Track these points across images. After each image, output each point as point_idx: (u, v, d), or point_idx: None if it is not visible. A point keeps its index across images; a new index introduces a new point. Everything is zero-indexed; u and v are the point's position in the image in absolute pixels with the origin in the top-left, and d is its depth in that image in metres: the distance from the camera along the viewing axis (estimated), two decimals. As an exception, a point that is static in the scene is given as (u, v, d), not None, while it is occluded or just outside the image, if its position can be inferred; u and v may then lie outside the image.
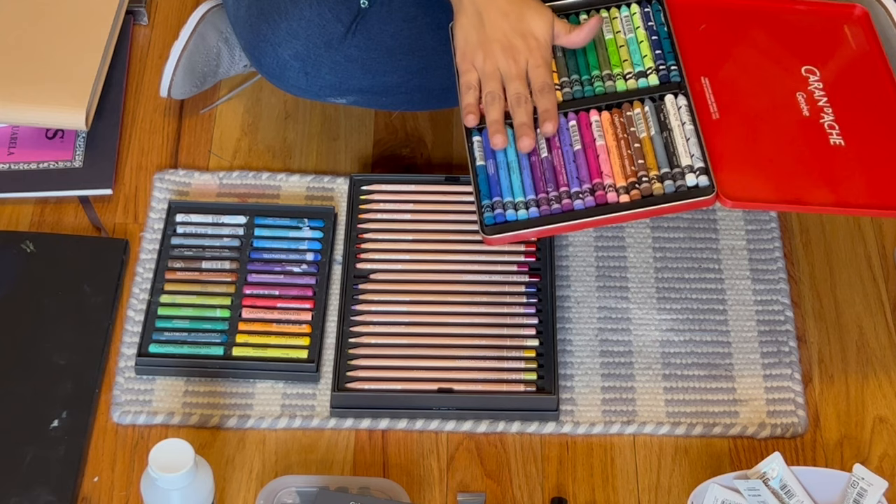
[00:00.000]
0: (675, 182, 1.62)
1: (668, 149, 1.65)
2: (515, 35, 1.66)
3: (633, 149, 1.65)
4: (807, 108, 1.68)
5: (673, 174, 1.63)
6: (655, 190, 1.62)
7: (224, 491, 1.65)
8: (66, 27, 1.97)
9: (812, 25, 1.78)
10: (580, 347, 1.76)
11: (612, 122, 1.68)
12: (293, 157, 1.95)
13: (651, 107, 1.68)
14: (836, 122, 1.66)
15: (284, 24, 1.77)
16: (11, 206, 1.89)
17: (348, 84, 1.80)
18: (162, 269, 1.80)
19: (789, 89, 1.70)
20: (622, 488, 1.66)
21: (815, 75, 1.71)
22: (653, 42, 1.72)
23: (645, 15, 1.74)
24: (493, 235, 1.61)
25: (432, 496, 1.65)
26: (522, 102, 1.65)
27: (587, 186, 1.63)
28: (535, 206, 1.63)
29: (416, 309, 1.77)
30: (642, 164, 1.64)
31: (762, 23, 1.77)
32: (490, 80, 1.66)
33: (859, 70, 1.74)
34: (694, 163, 1.62)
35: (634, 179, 1.63)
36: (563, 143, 1.67)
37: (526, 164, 1.66)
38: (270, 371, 1.73)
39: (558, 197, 1.63)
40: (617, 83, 1.70)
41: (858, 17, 1.78)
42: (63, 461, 1.65)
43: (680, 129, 1.65)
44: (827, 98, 1.69)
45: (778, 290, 1.81)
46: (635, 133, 1.66)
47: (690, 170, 1.62)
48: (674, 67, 1.70)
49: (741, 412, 1.72)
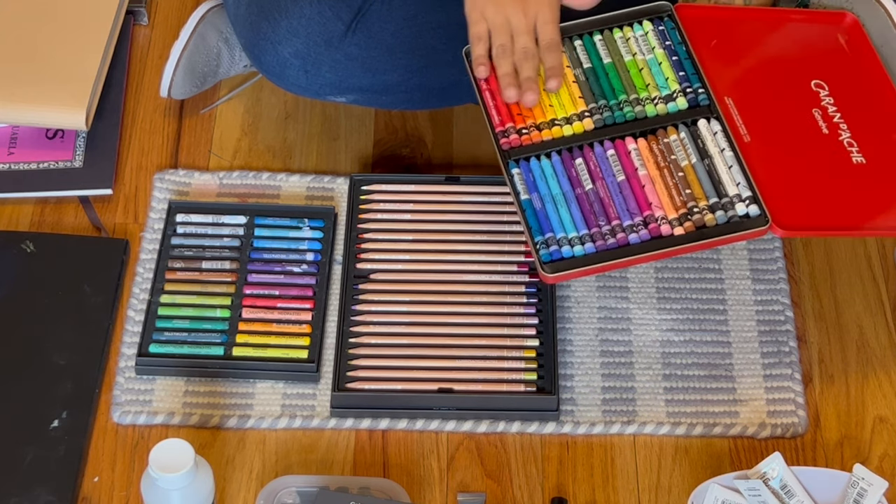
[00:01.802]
0: (726, 212, 1.62)
1: (712, 177, 1.65)
2: None
3: (678, 178, 1.65)
4: (825, 126, 1.68)
5: (722, 204, 1.62)
6: (708, 221, 1.62)
7: (224, 491, 1.65)
8: (66, 27, 1.97)
9: (808, 35, 1.78)
10: (580, 347, 1.76)
11: (650, 150, 1.67)
12: (293, 157, 1.95)
13: (687, 133, 1.68)
14: (854, 139, 1.67)
15: (285, 22, 1.77)
16: (11, 206, 1.89)
17: (348, 82, 1.80)
18: (162, 269, 1.80)
19: (805, 106, 1.70)
20: (622, 488, 1.66)
21: (825, 90, 1.71)
22: (673, 62, 1.72)
23: (660, 33, 1.74)
24: (553, 273, 1.60)
25: (432, 496, 1.65)
26: (530, 57, 1.65)
27: (639, 219, 1.63)
28: (589, 240, 1.62)
29: (416, 309, 1.77)
30: (690, 193, 1.63)
31: (765, 34, 1.77)
32: (500, 32, 1.66)
33: (861, 81, 1.75)
34: (741, 191, 1.62)
35: (685, 210, 1.63)
36: (605, 174, 1.66)
37: (572, 196, 1.65)
38: (270, 371, 1.73)
39: (612, 231, 1.62)
40: (646, 107, 1.70)
41: (850, 25, 1.78)
42: (63, 461, 1.65)
43: (720, 156, 1.65)
44: (840, 114, 1.69)
45: (778, 290, 1.81)
46: (676, 161, 1.66)
47: (739, 199, 1.62)
48: (701, 90, 1.70)
49: (741, 412, 1.72)
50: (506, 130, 1.68)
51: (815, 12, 1.83)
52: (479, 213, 1.85)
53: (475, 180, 1.87)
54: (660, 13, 1.76)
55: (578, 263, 1.61)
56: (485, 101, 1.70)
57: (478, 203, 1.85)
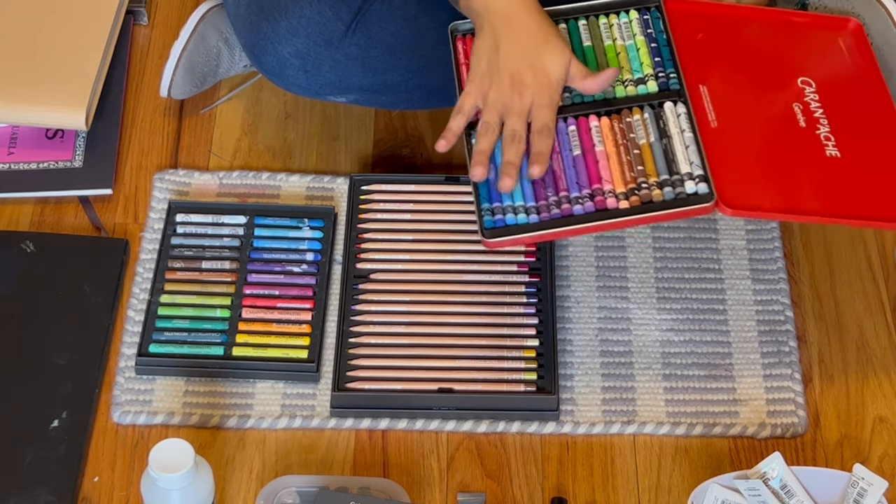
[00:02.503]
0: (674, 189, 1.62)
1: (667, 156, 1.65)
2: (527, 69, 1.63)
3: (633, 155, 1.65)
4: (803, 120, 1.68)
5: (672, 181, 1.63)
6: (655, 196, 1.62)
7: (224, 491, 1.65)
8: (66, 27, 1.97)
9: (807, 37, 1.78)
10: (580, 347, 1.76)
11: (611, 128, 1.68)
12: (293, 157, 1.95)
13: (650, 113, 1.68)
14: (832, 134, 1.67)
15: (285, 21, 1.77)
16: (11, 206, 1.89)
17: (348, 82, 1.80)
18: (162, 269, 1.80)
19: (786, 100, 1.70)
20: (622, 488, 1.66)
21: (811, 87, 1.71)
22: (652, 49, 1.72)
23: (644, 22, 1.74)
24: (493, 239, 1.61)
25: (432, 496, 1.65)
26: (516, 141, 1.62)
27: (587, 192, 1.63)
28: (535, 211, 1.63)
29: (416, 309, 1.77)
30: (642, 170, 1.64)
31: (759, 33, 1.77)
32: (490, 109, 1.64)
33: (854, 83, 1.74)
34: (693, 170, 1.62)
35: (634, 185, 1.63)
36: (562, 148, 1.67)
37: (526, 169, 1.66)
38: (270, 371, 1.73)
39: (558, 202, 1.63)
40: (616, 89, 1.70)
41: (852, 30, 1.79)
42: (63, 461, 1.65)
43: (679, 137, 1.66)
44: (823, 110, 1.69)
45: (778, 290, 1.81)
46: (635, 139, 1.66)
47: (690, 177, 1.62)
48: (673, 75, 1.70)
49: (741, 412, 1.72)
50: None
51: (818, 16, 1.83)
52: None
53: (475, 180, 1.87)
54: (647, 4, 1.76)
55: (519, 231, 1.61)
56: (459, 74, 1.72)
57: (478, 203, 1.85)
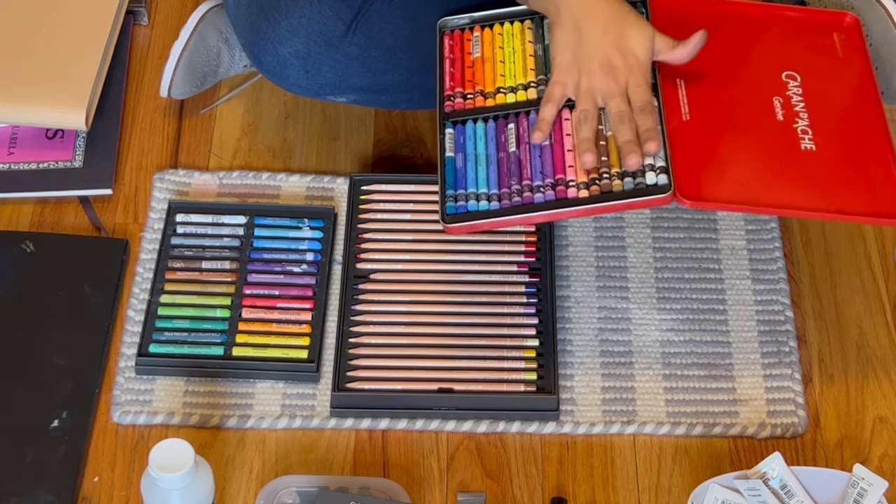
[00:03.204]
0: (634, 180, 1.62)
1: None
2: (615, 53, 1.63)
3: (599, 146, 1.65)
4: (781, 113, 1.68)
5: (633, 172, 1.63)
6: (615, 186, 1.63)
7: (224, 491, 1.65)
8: (66, 27, 1.97)
9: (801, 32, 1.78)
10: (580, 347, 1.76)
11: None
12: (293, 157, 1.95)
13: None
14: (810, 128, 1.67)
15: (285, 21, 1.77)
16: (11, 206, 1.89)
17: (349, 82, 1.80)
18: (162, 269, 1.80)
19: (766, 94, 1.70)
20: (622, 488, 1.66)
21: (796, 81, 1.71)
22: None
23: None
24: (453, 224, 1.63)
25: (432, 496, 1.65)
26: (626, 120, 1.62)
27: (549, 181, 1.64)
28: (496, 199, 1.65)
29: (416, 309, 1.77)
30: (605, 161, 1.64)
31: (749, 28, 1.77)
32: (586, 97, 1.64)
33: (842, 78, 1.74)
34: (655, 161, 1.63)
35: (595, 175, 1.64)
36: (531, 138, 1.68)
37: (494, 158, 1.67)
38: (270, 371, 1.73)
39: (520, 190, 1.65)
40: None
41: (849, 25, 1.78)
42: (63, 461, 1.65)
43: None
44: (804, 103, 1.69)
45: (778, 290, 1.81)
46: (602, 131, 1.66)
47: (651, 168, 1.62)
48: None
49: (741, 412, 1.72)
50: (453, 94, 1.72)
51: (814, 10, 1.83)
52: (479, 213, 1.85)
53: (475, 180, 1.87)
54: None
55: (479, 216, 1.63)
56: (442, 68, 1.73)
57: (478, 203, 1.85)
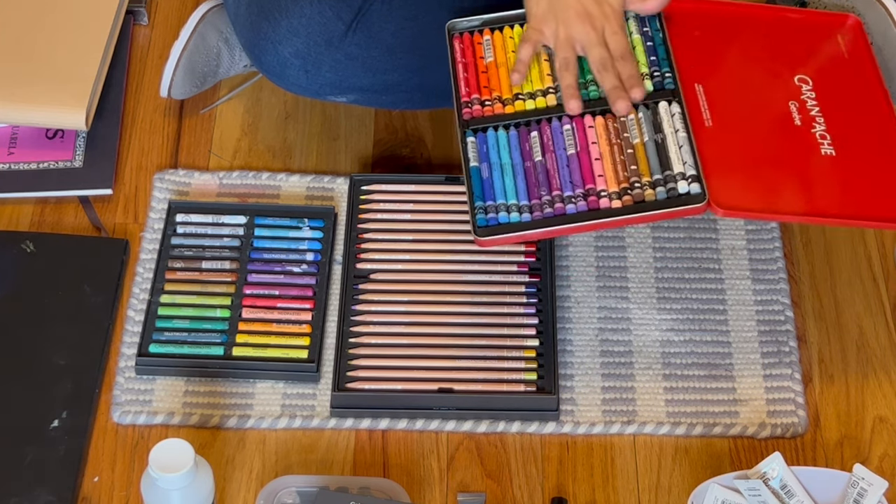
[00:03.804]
0: (666, 189, 1.62)
1: (660, 155, 1.65)
2: (590, 1, 1.66)
3: (626, 154, 1.65)
4: (799, 118, 1.68)
5: (665, 181, 1.63)
6: (647, 196, 1.62)
7: (224, 491, 1.65)
8: (66, 27, 1.97)
9: (805, 34, 1.78)
10: (580, 347, 1.76)
11: (605, 127, 1.68)
12: (293, 157, 1.95)
13: (645, 113, 1.68)
14: (828, 133, 1.67)
15: (285, 21, 1.77)
16: (11, 206, 1.89)
17: (349, 82, 1.80)
18: (162, 269, 1.80)
19: (782, 98, 1.70)
20: (622, 488, 1.66)
21: (808, 85, 1.71)
22: (647, 48, 1.72)
23: (640, 20, 1.74)
24: (485, 237, 1.62)
25: (432, 496, 1.65)
26: (609, 66, 1.65)
27: (580, 191, 1.64)
28: (528, 210, 1.63)
29: (416, 309, 1.77)
30: (635, 169, 1.64)
31: (756, 31, 1.77)
32: (565, 45, 1.66)
33: (851, 80, 1.74)
34: (686, 170, 1.62)
35: (627, 185, 1.63)
36: (556, 147, 1.67)
37: (520, 167, 1.66)
38: (270, 371, 1.73)
39: (551, 201, 1.63)
40: None
41: (851, 26, 1.78)
42: (63, 461, 1.65)
43: (673, 136, 1.66)
44: (819, 108, 1.69)
45: (778, 290, 1.81)
46: (629, 139, 1.66)
47: (682, 177, 1.62)
48: (668, 74, 1.70)
49: (741, 412, 1.72)
50: (470, 101, 1.71)
51: (816, 12, 1.83)
52: (479, 213, 1.85)
53: (475, 180, 1.87)
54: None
55: (512, 229, 1.62)
56: (456, 73, 1.72)
57: (478, 203, 1.85)
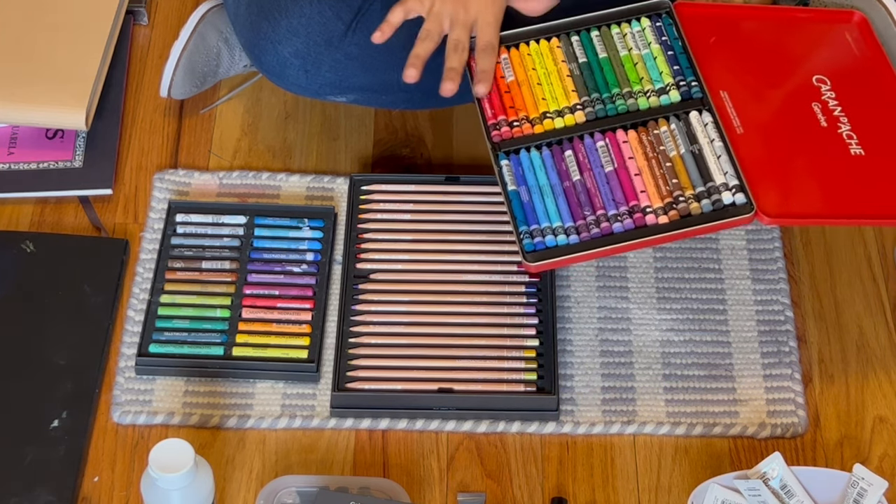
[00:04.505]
0: (711, 201, 1.62)
1: (699, 167, 1.65)
2: None
3: (665, 168, 1.65)
4: (824, 119, 1.68)
5: (709, 193, 1.62)
6: (693, 210, 1.62)
7: (224, 491, 1.65)
8: (66, 27, 1.97)
9: (814, 33, 1.78)
10: (580, 347, 1.76)
11: (640, 141, 1.67)
12: (293, 157, 1.95)
13: (677, 124, 1.68)
14: (854, 132, 1.67)
15: (285, 21, 1.77)
16: (11, 206, 1.89)
17: (348, 82, 1.80)
18: (162, 269, 1.80)
19: (805, 100, 1.70)
20: (622, 488, 1.66)
21: (827, 84, 1.71)
22: (669, 57, 1.72)
23: (657, 29, 1.74)
24: (536, 262, 1.61)
25: (432, 496, 1.65)
26: (459, 50, 1.66)
27: (624, 209, 1.63)
28: (574, 232, 1.62)
29: (416, 309, 1.77)
30: (676, 183, 1.64)
31: (768, 33, 1.77)
32: (434, 19, 1.67)
33: (866, 77, 1.74)
34: (728, 180, 1.62)
35: (671, 200, 1.63)
36: (593, 165, 1.66)
37: (560, 188, 1.65)
38: (270, 371, 1.73)
39: (596, 221, 1.63)
40: (639, 100, 1.70)
41: (857, 23, 1.79)
42: (63, 461, 1.65)
43: (709, 146, 1.65)
44: (841, 108, 1.69)
45: (778, 290, 1.81)
46: (665, 151, 1.66)
47: (725, 188, 1.62)
48: (694, 83, 1.70)
49: (741, 412, 1.72)
50: (497, 123, 1.70)
51: (823, 10, 1.83)
52: (479, 213, 1.85)
53: (475, 180, 1.87)
54: (658, 10, 1.76)
55: (561, 252, 1.61)
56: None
57: (478, 203, 1.85)
